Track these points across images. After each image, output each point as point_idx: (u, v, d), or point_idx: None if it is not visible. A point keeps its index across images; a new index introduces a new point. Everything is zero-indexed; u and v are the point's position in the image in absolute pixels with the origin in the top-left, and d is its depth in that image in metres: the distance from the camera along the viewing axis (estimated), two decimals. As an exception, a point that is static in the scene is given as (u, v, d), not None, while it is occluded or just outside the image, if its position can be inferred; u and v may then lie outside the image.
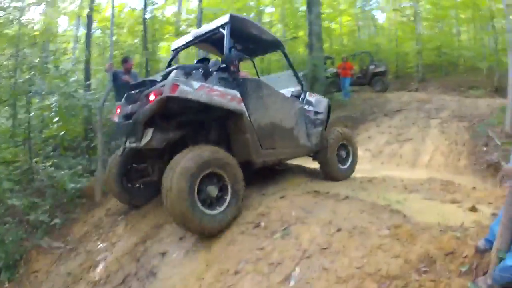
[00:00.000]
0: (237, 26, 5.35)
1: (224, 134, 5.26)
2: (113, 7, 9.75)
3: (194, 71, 4.61)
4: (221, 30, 5.25)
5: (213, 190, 4.43)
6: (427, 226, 3.91)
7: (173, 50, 6.51)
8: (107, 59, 9.72)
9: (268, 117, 5.39)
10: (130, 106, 5.05)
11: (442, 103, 15.45)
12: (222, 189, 4.56)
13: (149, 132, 4.60)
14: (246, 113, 4.96)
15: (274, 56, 19.93)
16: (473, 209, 4.74)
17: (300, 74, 20.83)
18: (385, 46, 28.26)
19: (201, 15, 18.44)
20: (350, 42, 30.99)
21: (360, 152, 11.53)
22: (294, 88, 6.89)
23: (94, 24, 16.88)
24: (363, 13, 31.77)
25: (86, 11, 15.36)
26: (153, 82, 4.85)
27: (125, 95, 5.38)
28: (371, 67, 19.56)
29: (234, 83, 4.96)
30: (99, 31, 20.33)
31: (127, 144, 5.00)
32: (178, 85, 4.30)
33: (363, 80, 19.67)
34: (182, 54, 15.10)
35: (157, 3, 19.78)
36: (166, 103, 4.37)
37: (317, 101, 6.80)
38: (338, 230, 3.90)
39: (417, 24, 24.37)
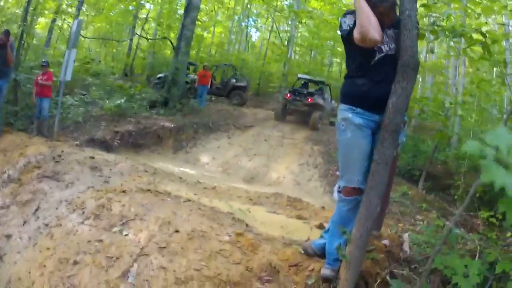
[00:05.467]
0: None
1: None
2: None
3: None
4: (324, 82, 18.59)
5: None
6: (270, 238, 4.08)
7: (299, 78, 18.46)
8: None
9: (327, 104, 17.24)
10: (299, 94, 16.29)
11: (296, 126, 16.19)
12: None
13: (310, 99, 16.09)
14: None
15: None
16: (320, 226, 5.08)
17: (160, 75, 20.95)
18: (252, 64, 29.20)
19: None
20: (218, 53, 31.54)
21: (206, 160, 11.82)
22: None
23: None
24: (238, 28, 32.64)
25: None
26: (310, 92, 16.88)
27: (294, 91, 16.66)
28: (233, 80, 20.35)
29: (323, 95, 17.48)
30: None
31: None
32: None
33: (222, 91, 20.29)
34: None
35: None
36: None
37: (328, 94, 18.24)
38: (177, 231, 3.99)
39: (289, 48, 25.59)
